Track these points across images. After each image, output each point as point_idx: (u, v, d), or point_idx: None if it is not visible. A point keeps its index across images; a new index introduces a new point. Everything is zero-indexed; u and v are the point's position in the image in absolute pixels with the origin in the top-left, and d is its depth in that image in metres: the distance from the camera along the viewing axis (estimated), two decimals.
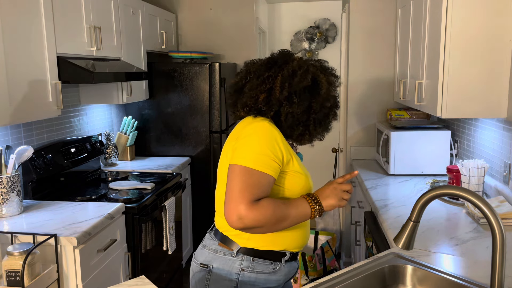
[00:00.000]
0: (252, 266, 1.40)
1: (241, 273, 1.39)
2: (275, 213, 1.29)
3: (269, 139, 1.33)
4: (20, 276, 1.66)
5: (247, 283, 1.40)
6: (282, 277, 1.47)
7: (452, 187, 1.12)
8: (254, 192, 1.27)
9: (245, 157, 1.30)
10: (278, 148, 1.34)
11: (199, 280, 1.45)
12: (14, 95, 1.96)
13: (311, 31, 5.31)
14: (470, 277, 1.37)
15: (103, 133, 3.30)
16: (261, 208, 1.26)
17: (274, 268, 1.43)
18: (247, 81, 1.45)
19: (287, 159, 1.37)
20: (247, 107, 1.43)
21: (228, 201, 1.28)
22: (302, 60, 1.47)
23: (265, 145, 1.32)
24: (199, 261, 1.47)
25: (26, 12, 2.04)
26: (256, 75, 1.44)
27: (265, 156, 1.31)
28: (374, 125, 3.37)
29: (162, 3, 4.09)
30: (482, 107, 2.08)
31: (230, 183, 1.29)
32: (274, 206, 1.29)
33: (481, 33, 2.03)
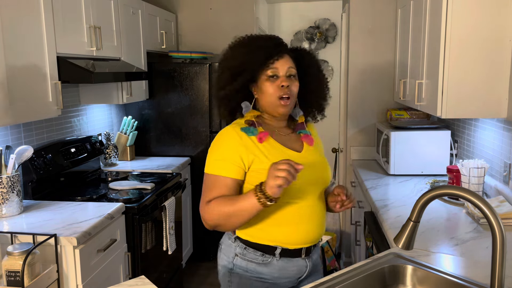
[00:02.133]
0: (243, 254, 1.48)
1: (235, 258, 1.49)
2: (222, 210, 1.36)
3: (221, 144, 1.44)
4: (20, 276, 1.66)
5: (239, 267, 1.49)
6: (277, 272, 1.48)
7: (452, 187, 1.12)
8: (208, 195, 1.40)
9: (206, 164, 1.45)
10: (233, 152, 1.41)
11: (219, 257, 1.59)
12: (14, 95, 1.96)
13: (311, 31, 5.31)
14: (470, 277, 1.37)
15: (103, 133, 3.30)
16: (210, 208, 1.38)
17: (264, 261, 1.47)
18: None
19: (248, 159, 1.41)
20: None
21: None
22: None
23: (218, 151, 1.43)
24: (222, 238, 1.60)
25: (26, 12, 2.04)
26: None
27: (218, 160, 1.42)
28: (374, 125, 3.37)
29: (162, 3, 4.09)
30: (482, 107, 2.08)
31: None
32: (221, 203, 1.37)
33: (481, 33, 2.03)
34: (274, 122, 1.54)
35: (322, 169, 1.56)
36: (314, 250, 1.57)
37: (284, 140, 1.52)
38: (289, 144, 1.52)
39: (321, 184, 1.54)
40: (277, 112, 1.48)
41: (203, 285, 3.34)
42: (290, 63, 1.47)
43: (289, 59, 1.48)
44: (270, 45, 1.46)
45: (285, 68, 1.46)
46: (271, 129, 1.51)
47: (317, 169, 1.53)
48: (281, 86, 1.44)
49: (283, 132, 1.55)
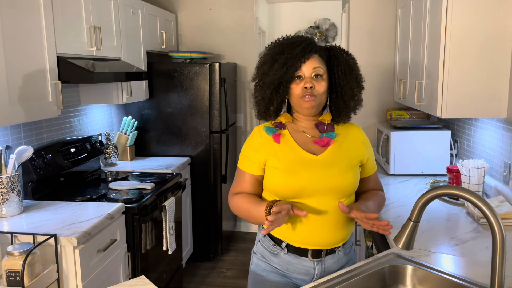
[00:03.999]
0: (262, 240, 1.60)
1: (258, 242, 1.63)
2: (240, 208, 1.55)
3: (248, 143, 1.58)
4: (20, 276, 1.66)
5: (259, 252, 1.61)
6: (285, 264, 1.53)
7: (452, 187, 1.12)
8: (234, 186, 1.60)
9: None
10: (253, 150, 1.55)
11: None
12: (14, 95, 1.96)
13: (311, 31, 5.31)
14: (470, 277, 1.37)
15: (103, 133, 3.30)
16: (234, 201, 1.57)
17: (274, 251, 1.56)
18: None
19: (263, 157, 1.53)
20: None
21: None
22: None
23: (245, 147, 1.59)
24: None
25: (26, 12, 2.04)
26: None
27: (244, 157, 1.57)
28: (374, 125, 3.37)
29: (162, 3, 4.09)
30: (482, 107, 2.08)
31: None
32: (242, 202, 1.54)
33: (481, 33, 2.03)
34: (305, 123, 1.56)
35: (338, 177, 1.49)
36: (328, 256, 1.53)
37: (306, 142, 1.53)
38: (308, 146, 1.51)
39: (336, 191, 1.49)
40: (302, 108, 1.50)
41: (203, 285, 3.34)
42: (318, 63, 1.48)
43: (317, 59, 1.48)
44: (298, 52, 1.47)
45: (310, 69, 1.47)
46: (300, 129, 1.56)
47: (332, 175, 1.48)
48: (304, 88, 1.46)
49: (310, 133, 1.55)
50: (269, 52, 1.52)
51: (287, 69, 1.45)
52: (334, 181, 1.47)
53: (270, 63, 1.49)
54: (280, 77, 1.46)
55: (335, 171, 1.49)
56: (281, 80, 1.46)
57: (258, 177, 1.56)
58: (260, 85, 1.52)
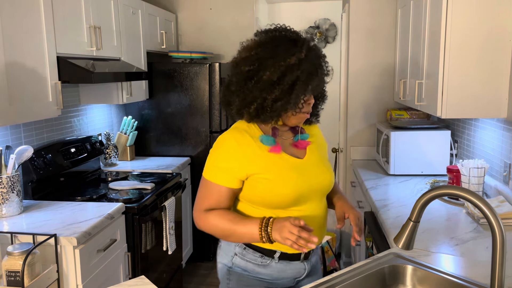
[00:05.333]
0: (243, 254, 1.46)
1: (234, 257, 1.48)
2: (221, 226, 1.38)
3: (220, 151, 1.40)
4: (20, 276, 1.66)
5: (238, 266, 1.48)
6: (276, 273, 1.47)
7: (452, 187, 1.12)
8: (204, 202, 1.41)
9: (205, 169, 1.44)
10: (230, 161, 1.37)
11: (218, 254, 1.57)
12: (14, 95, 1.96)
13: (311, 31, 5.31)
14: (470, 277, 1.37)
15: (103, 133, 3.30)
16: (207, 220, 1.39)
17: (263, 262, 1.46)
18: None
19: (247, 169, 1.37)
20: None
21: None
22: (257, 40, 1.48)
23: (218, 157, 1.40)
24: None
25: (26, 12, 2.04)
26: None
27: (218, 168, 1.39)
28: (374, 125, 3.37)
29: (162, 3, 4.09)
30: (482, 107, 2.08)
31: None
32: (221, 219, 1.38)
33: (481, 33, 2.03)
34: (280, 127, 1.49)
35: (324, 175, 1.49)
36: (313, 253, 1.56)
37: (286, 146, 1.48)
38: (291, 151, 1.47)
39: (322, 190, 1.50)
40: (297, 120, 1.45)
41: (203, 285, 3.34)
42: None
43: None
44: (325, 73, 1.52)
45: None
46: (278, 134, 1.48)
47: (319, 175, 1.48)
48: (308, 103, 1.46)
49: (285, 136, 1.50)
50: (308, 59, 1.40)
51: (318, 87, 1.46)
52: (322, 181, 1.48)
53: (309, 74, 1.39)
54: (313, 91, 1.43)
55: (320, 172, 1.49)
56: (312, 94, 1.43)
57: (235, 190, 1.41)
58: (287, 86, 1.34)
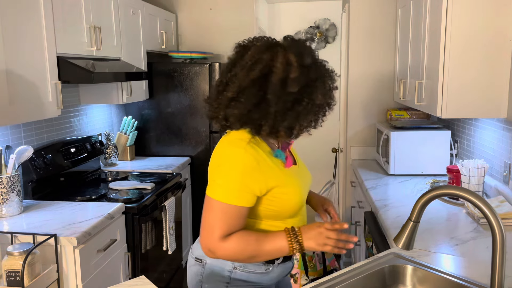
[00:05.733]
0: (244, 266, 1.38)
1: (233, 271, 1.38)
2: (245, 250, 1.27)
3: (239, 170, 1.25)
4: (20, 276, 1.66)
5: (239, 280, 1.39)
6: (275, 276, 1.46)
7: (452, 187, 1.12)
8: (224, 226, 1.25)
9: (219, 190, 1.26)
10: (249, 179, 1.25)
11: (193, 273, 1.44)
12: (14, 95, 1.96)
13: (311, 31, 5.31)
14: (470, 277, 1.37)
15: (103, 133, 3.30)
16: (231, 244, 1.26)
17: (266, 269, 1.41)
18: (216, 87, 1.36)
19: (266, 186, 1.29)
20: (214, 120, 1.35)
21: (201, 232, 1.29)
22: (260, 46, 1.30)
23: (236, 177, 1.25)
24: (194, 255, 1.45)
25: (26, 12, 2.04)
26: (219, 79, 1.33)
27: (235, 189, 1.25)
28: (374, 125, 3.37)
29: (162, 3, 4.09)
30: (482, 107, 2.08)
31: (204, 214, 1.29)
32: (245, 242, 1.27)
33: (481, 33, 2.03)
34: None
35: (309, 176, 1.52)
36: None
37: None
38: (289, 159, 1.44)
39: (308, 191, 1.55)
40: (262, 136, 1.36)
41: None
42: None
43: None
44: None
45: None
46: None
47: (307, 178, 1.50)
48: None
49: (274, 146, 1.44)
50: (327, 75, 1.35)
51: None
52: (309, 183, 1.52)
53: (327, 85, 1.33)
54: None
55: (307, 173, 1.51)
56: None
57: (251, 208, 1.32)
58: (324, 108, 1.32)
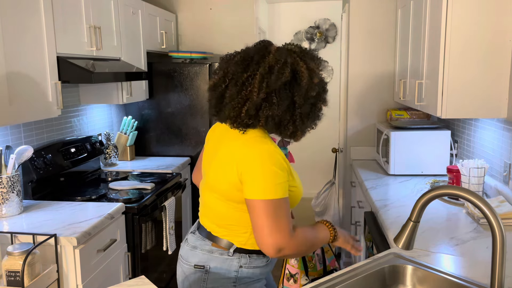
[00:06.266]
0: (249, 262, 1.43)
1: (239, 270, 1.42)
2: (308, 240, 1.40)
3: (278, 166, 1.31)
4: (20, 276, 1.66)
5: (245, 277, 1.43)
6: (270, 268, 1.53)
7: (452, 187, 1.12)
8: (288, 221, 1.31)
9: (263, 191, 1.29)
10: (285, 172, 1.33)
11: (194, 281, 1.44)
12: (14, 95, 1.96)
13: (311, 31, 5.31)
14: (470, 277, 1.37)
15: (103, 133, 3.30)
16: (298, 237, 1.34)
17: (267, 261, 1.48)
18: (227, 86, 1.36)
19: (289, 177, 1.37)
20: (231, 120, 1.37)
21: (262, 236, 1.29)
22: (278, 50, 1.37)
23: (276, 172, 1.30)
24: (192, 262, 1.45)
25: (26, 12, 2.04)
26: (234, 79, 1.35)
27: (280, 184, 1.30)
28: (374, 125, 3.37)
29: (162, 3, 4.09)
30: (482, 107, 2.08)
31: (258, 218, 1.29)
32: (307, 233, 1.40)
33: (481, 33, 2.03)
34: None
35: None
36: None
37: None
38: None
39: None
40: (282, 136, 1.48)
41: None
42: None
43: None
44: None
45: None
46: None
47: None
48: None
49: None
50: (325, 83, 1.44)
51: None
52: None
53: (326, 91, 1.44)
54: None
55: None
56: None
57: None
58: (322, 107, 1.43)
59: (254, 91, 1.31)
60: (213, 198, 1.44)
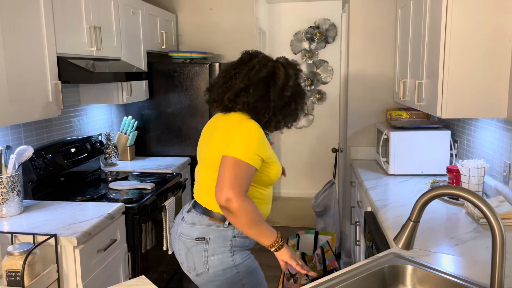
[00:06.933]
0: (241, 232, 1.66)
1: (234, 239, 1.67)
2: (252, 214, 1.55)
3: (258, 138, 1.59)
4: (20, 276, 1.66)
5: (238, 245, 1.69)
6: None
7: (452, 187, 1.12)
8: (243, 182, 1.54)
9: (238, 151, 1.55)
10: (263, 146, 1.61)
11: (196, 252, 1.67)
12: (14, 95, 1.96)
13: (311, 31, 5.31)
14: (470, 277, 1.38)
15: (103, 133, 3.30)
16: (248, 203, 1.54)
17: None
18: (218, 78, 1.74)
19: (268, 154, 1.63)
20: (216, 102, 1.72)
21: (220, 184, 1.53)
22: (265, 57, 1.71)
23: (255, 143, 1.58)
24: (193, 236, 1.68)
25: (26, 12, 2.04)
26: (225, 73, 1.71)
27: (253, 152, 1.57)
28: (374, 125, 3.37)
29: (162, 3, 4.09)
30: (482, 107, 2.08)
31: (224, 170, 1.54)
32: (256, 211, 1.56)
33: (481, 32, 2.03)
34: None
35: None
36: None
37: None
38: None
39: None
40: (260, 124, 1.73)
41: None
42: None
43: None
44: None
45: None
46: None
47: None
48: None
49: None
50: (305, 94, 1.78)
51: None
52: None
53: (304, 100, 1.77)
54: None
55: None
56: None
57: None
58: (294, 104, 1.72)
59: (236, 83, 1.65)
60: (208, 173, 1.67)
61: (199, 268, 1.68)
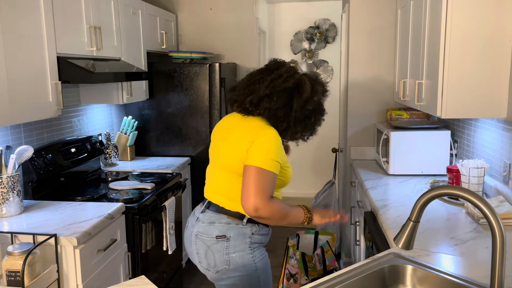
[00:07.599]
0: (258, 230, 1.76)
1: (252, 236, 1.74)
2: (282, 211, 1.68)
3: (276, 145, 1.66)
4: (20, 276, 1.66)
5: (256, 242, 1.77)
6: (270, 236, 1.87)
7: (452, 187, 1.12)
8: (268, 188, 1.62)
9: (260, 160, 1.62)
10: (282, 153, 1.69)
11: (218, 249, 1.73)
12: (14, 95, 1.96)
13: (311, 31, 5.31)
14: (470, 277, 1.38)
15: (103, 133, 3.30)
16: (274, 205, 1.64)
17: (269, 231, 1.83)
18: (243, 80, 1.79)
19: (284, 160, 1.72)
20: (236, 103, 1.77)
21: (246, 194, 1.60)
22: (292, 68, 1.76)
23: (275, 150, 1.65)
24: (213, 234, 1.74)
25: (26, 12, 2.04)
26: (248, 77, 1.77)
27: (273, 159, 1.64)
28: (374, 125, 3.37)
29: (162, 3, 4.09)
30: (482, 107, 2.08)
31: (249, 180, 1.61)
32: (282, 205, 1.68)
33: (481, 33, 2.03)
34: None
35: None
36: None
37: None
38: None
39: None
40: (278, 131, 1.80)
41: (203, 285, 3.34)
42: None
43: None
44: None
45: None
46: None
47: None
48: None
49: None
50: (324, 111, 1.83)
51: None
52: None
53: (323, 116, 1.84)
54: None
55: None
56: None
57: None
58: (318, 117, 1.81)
59: (261, 88, 1.70)
60: (225, 175, 1.73)
61: (220, 265, 1.74)
